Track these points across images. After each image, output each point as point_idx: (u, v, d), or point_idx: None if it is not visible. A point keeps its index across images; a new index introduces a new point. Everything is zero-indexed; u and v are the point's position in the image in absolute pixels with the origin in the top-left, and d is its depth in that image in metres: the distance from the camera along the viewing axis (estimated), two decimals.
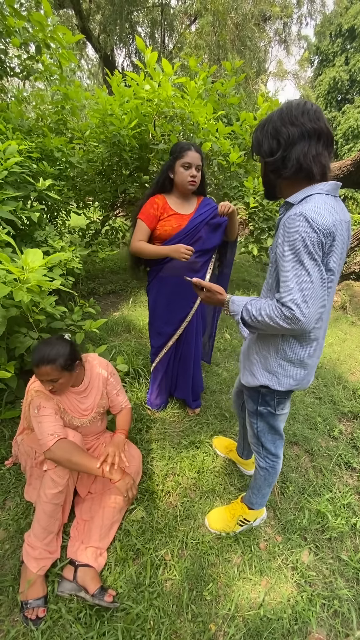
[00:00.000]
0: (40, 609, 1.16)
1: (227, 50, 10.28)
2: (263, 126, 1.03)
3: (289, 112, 0.97)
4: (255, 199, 3.15)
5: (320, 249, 0.91)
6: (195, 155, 1.59)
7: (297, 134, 0.95)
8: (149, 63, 2.65)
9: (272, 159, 1.01)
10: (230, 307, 1.11)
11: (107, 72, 3.21)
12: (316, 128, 0.95)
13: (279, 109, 1.01)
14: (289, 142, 0.97)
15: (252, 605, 1.27)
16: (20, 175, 1.96)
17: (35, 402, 1.29)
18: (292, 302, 0.91)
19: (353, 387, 2.64)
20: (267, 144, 1.01)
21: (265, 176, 1.10)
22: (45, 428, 1.25)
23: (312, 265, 0.90)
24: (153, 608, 1.22)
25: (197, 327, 1.92)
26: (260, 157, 1.07)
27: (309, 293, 0.91)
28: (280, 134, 0.98)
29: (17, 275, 1.23)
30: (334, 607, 1.29)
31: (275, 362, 1.11)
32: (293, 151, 0.97)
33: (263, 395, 1.20)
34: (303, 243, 0.89)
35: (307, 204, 0.94)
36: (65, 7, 10.56)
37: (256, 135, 1.06)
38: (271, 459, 1.35)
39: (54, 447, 1.22)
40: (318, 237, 0.89)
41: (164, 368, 2.01)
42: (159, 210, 1.67)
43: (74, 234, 3.76)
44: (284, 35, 14.21)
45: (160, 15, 11.47)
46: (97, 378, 1.50)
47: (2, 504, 1.52)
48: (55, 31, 2.41)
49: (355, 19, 19.79)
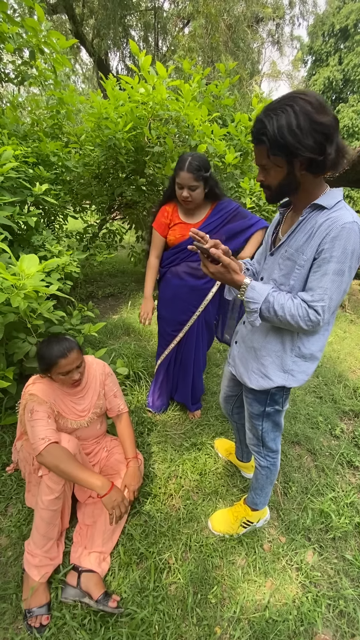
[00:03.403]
0: (43, 617, 1.15)
1: (221, 52, 10.31)
2: (292, 124, 0.85)
3: (319, 103, 0.85)
4: (252, 200, 3.16)
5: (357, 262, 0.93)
6: (186, 176, 1.52)
7: (334, 123, 0.85)
8: (143, 66, 2.66)
9: (325, 154, 0.86)
10: (248, 294, 0.97)
11: (101, 76, 3.22)
12: (335, 117, 0.86)
13: (302, 102, 0.85)
14: (333, 132, 0.86)
15: (257, 607, 1.26)
16: (16, 180, 1.96)
17: (29, 406, 1.28)
18: (322, 308, 0.93)
19: (353, 385, 2.64)
20: (312, 139, 0.85)
21: (288, 176, 0.94)
22: (37, 432, 1.23)
23: (348, 277, 0.93)
24: (158, 612, 1.21)
25: (199, 334, 1.90)
26: (293, 157, 0.89)
27: (337, 302, 0.95)
28: (324, 126, 0.85)
29: (13, 282, 1.23)
30: (340, 607, 1.28)
31: (291, 359, 1.10)
32: (337, 142, 0.88)
33: (272, 395, 1.18)
34: (352, 254, 0.90)
35: (347, 210, 0.92)
36: (59, 12, 10.59)
37: (292, 133, 0.85)
38: (272, 456, 1.35)
39: (44, 452, 1.20)
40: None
41: (164, 370, 2.02)
42: (169, 218, 1.72)
43: (72, 238, 3.76)
44: (277, 36, 14.28)
45: (154, 18, 11.52)
46: (94, 379, 1.50)
47: (4, 510, 1.51)
48: (48, 36, 2.41)
49: (347, 19, 19.91)
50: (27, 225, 2.06)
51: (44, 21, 2.36)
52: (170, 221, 1.71)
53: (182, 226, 1.69)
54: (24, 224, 2.04)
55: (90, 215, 3.96)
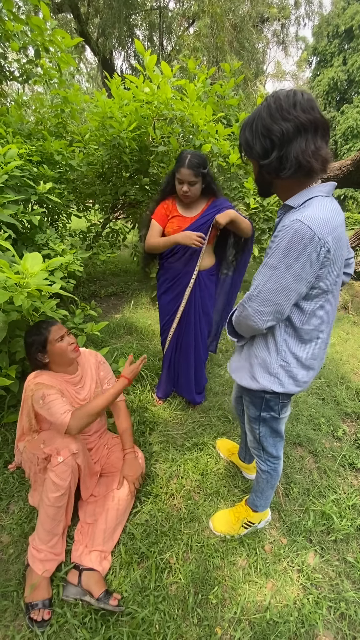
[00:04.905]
0: (45, 611, 1.16)
1: (226, 52, 10.28)
2: (251, 125, 0.92)
3: (279, 106, 0.85)
4: (256, 200, 3.15)
5: (309, 263, 0.88)
6: (186, 172, 1.61)
7: (291, 129, 0.85)
8: (148, 66, 2.66)
9: (267, 160, 0.90)
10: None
11: (106, 75, 3.22)
12: (311, 119, 0.84)
13: (266, 103, 0.89)
14: (284, 139, 0.86)
15: (258, 608, 1.26)
16: (20, 179, 1.96)
17: (39, 393, 1.31)
18: (249, 297, 0.99)
19: (356, 387, 2.63)
20: (260, 144, 0.90)
21: (259, 176, 1.01)
22: (57, 409, 1.27)
23: (285, 274, 0.90)
24: (158, 612, 1.21)
25: (196, 322, 1.93)
26: (252, 159, 0.97)
27: (271, 297, 0.94)
28: (272, 132, 0.87)
29: (17, 280, 1.23)
30: (341, 609, 1.28)
31: (276, 363, 1.08)
32: (290, 149, 0.86)
33: (267, 400, 1.17)
34: (287, 251, 0.88)
35: (307, 209, 0.89)
36: (64, 11, 10.60)
37: (244, 135, 0.94)
38: (272, 461, 1.34)
39: (71, 421, 1.26)
40: (311, 248, 0.86)
41: (168, 360, 2.09)
42: (168, 209, 1.80)
43: (75, 237, 3.76)
44: (282, 37, 14.21)
45: (159, 18, 11.51)
46: (89, 367, 1.56)
47: (6, 508, 1.52)
48: (54, 35, 2.42)
49: (352, 19, 19.86)
50: (31, 223, 2.06)
51: (49, 20, 2.36)
52: (169, 213, 1.80)
53: (179, 219, 1.78)
54: (28, 222, 2.04)
55: (93, 215, 3.97)
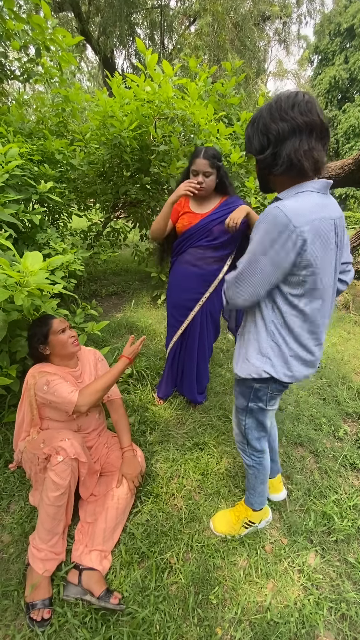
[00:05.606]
0: (45, 611, 1.16)
1: (227, 50, 10.26)
2: (253, 122, 1.00)
3: (279, 106, 0.93)
4: (257, 199, 3.14)
5: (284, 251, 0.93)
6: (202, 162, 1.63)
7: (287, 129, 0.91)
8: (149, 64, 2.65)
9: (262, 156, 0.99)
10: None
11: (107, 74, 3.22)
12: (308, 121, 0.90)
13: (268, 103, 0.97)
14: (279, 138, 0.93)
15: (258, 608, 1.26)
16: (21, 178, 1.96)
17: (42, 380, 1.33)
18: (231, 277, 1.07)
19: (357, 387, 2.62)
20: (257, 140, 0.99)
21: (258, 171, 1.09)
22: (62, 391, 1.29)
23: (262, 256, 0.96)
24: (159, 612, 1.21)
25: (203, 324, 1.94)
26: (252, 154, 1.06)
27: (247, 276, 1.01)
28: (269, 130, 0.94)
29: (17, 279, 1.23)
30: (342, 610, 1.27)
31: (266, 342, 1.09)
32: (283, 148, 0.93)
33: (256, 390, 1.18)
34: (265, 233, 0.94)
35: (290, 199, 0.95)
36: (65, 9, 10.60)
37: (247, 131, 1.04)
38: (257, 455, 1.36)
39: (79, 398, 1.29)
40: (285, 235, 0.91)
41: (171, 358, 2.09)
42: (180, 205, 1.82)
43: (76, 236, 3.76)
44: (284, 35, 14.17)
45: (160, 16, 11.49)
46: (88, 364, 1.57)
47: (7, 507, 1.52)
48: (54, 34, 2.41)
49: (354, 18, 19.79)
50: (32, 223, 2.06)
51: (50, 18, 2.36)
52: (181, 209, 1.82)
53: (190, 215, 1.79)
54: (29, 221, 2.04)
55: (94, 214, 3.97)
